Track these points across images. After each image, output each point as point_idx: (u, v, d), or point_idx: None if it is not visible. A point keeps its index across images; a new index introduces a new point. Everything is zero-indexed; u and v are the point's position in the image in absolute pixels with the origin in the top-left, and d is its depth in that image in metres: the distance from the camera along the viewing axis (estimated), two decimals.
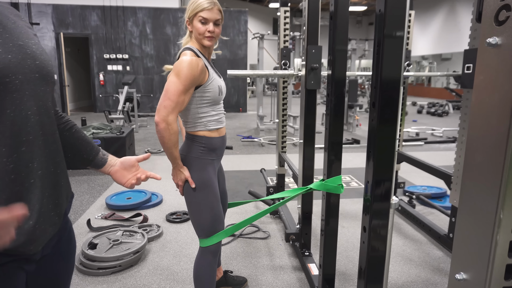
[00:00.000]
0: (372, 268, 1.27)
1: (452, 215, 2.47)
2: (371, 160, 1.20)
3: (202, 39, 1.54)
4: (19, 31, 0.81)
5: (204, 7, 1.49)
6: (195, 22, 1.51)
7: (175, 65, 1.47)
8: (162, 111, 1.41)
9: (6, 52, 0.75)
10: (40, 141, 0.82)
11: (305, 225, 2.30)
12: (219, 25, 1.55)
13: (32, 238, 0.80)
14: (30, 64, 0.79)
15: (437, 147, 6.26)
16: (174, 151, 1.49)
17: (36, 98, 0.80)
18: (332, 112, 1.64)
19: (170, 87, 1.43)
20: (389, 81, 1.12)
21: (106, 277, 2.19)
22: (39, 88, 0.81)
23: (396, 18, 1.08)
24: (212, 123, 1.58)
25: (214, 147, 1.60)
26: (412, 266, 2.36)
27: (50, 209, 0.85)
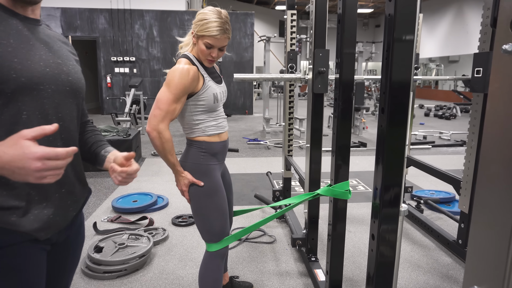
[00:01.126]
0: (380, 277, 1.25)
1: (461, 221, 2.43)
2: (380, 166, 1.18)
3: (204, 60, 1.53)
4: (61, 53, 0.97)
5: (213, 35, 1.44)
6: (200, 42, 1.48)
7: (168, 74, 1.47)
8: (152, 120, 1.43)
9: (46, 66, 0.90)
10: (60, 143, 0.93)
11: (311, 230, 2.28)
12: (223, 50, 1.54)
13: (45, 227, 0.89)
14: (64, 79, 0.94)
15: (445, 151, 6.19)
16: (170, 158, 1.48)
17: (63, 107, 0.94)
18: (340, 116, 1.62)
19: (160, 96, 1.44)
20: (398, 86, 1.10)
21: (112, 281, 2.19)
22: (67, 100, 0.95)
23: (406, 22, 1.06)
24: (210, 129, 1.56)
25: (215, 151, 1.58)
26: (420, 272, 2.32)
27: (68, 204, 0.97)
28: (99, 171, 4.52)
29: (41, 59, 0.89)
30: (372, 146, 6.47)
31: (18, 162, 0.68)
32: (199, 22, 1.47)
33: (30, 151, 0.69)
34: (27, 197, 0.86)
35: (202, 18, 1.46)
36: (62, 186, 0.94)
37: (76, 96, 0.99)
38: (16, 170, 0.69)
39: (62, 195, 0.94)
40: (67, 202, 0.96)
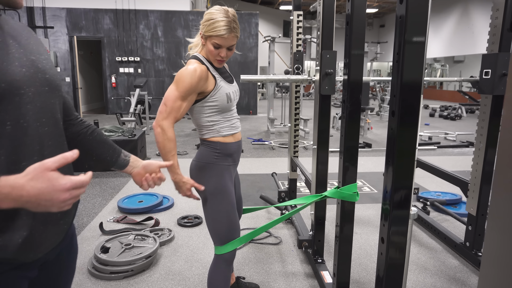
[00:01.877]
0: (390, 280, 1.24)
1: (469, 223, 2.41)
2: (390, 169, 1.17)
3: (213, 60, 1.52)
4: (31, 47, 0.85)
5: (220, 34, 1.43)
6: (208, 43, 1.47)
7: (177, 73, 1.47)
8: (158, 116, 1.45)
9: (21, 66, 0.79)
10: (48, 151, 0.84)
11: (318, 232, 2.27)
12: (232, 50, 1.52)
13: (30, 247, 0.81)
14: (41, 78, 0.83)
15: (450, 152, 6.16)
16: (170, 158, 1.46)
17: (46, 111, 0.84)
18: (348, 118, 1.62)
19: (167, 94, 1.46)
20: (409, 89, 1.09)
21: (119, 281, 2.20)
22: (49, 101, 0.86)
23: (418, 24, 1.05)
24: (225, 129, 1.56)
25: (230, 152, 1.58)
26: (427, 275, 2.31)
27: (58, 217, 0.87)
28: (104, 171, 4.54)
29: (15, 58, 0.79)
30: (377, 146, 6.44)
31: (47, 195, 0.67)
32: (206, 22, 1.46)
33: (59, 183, 0.68)
34: (14, 216, 0.77)
35: (209, 18, 1.45)
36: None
37: (56, 95, 0.89)
38: (42, 202, 0.68)
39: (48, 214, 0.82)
40: (57, 216, 0.87)
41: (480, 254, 2.36)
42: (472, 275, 2.30)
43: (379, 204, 3.56)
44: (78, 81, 10.30)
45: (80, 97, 10.28)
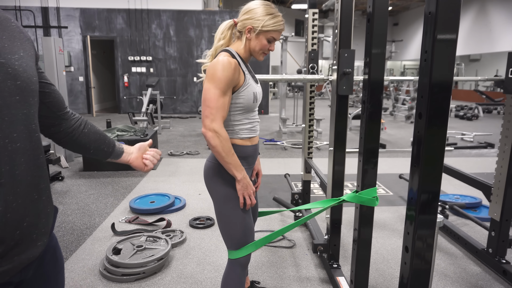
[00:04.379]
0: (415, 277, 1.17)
1: (492, 229, 2.32)
2: (417, 174, 1.10)
3: (259, 54, 1.48)
4: (2, 45, 0.72)
5: (281, 29, 1.43)
6: (261, 37, 1.42)
7: (208, 69, 1.39)
8: (205, 121, 1.35)
9: None
10: (20, 169, 0.74)
11: (334, 236, 2.20)
12: None
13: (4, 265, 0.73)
14: (10, 86, 0.71)
15: (468, 153, 6.00)
16: (232, 157, 1.38)
17: (17, 123, 0.73)
18: (368, 120, 1.55)
19: (206, 95, 1.36)
20: (439, 90, 1.02)
21: (130, 284, 2.17)
22: (20, 112, 0.74)
23: (449, 21, 0.98)
24: (244, 132, 1.49)
25: (245, 155, 1.51)
26: (447, 282, 2.22)
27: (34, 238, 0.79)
28: (116, 171, 4.54)
29: None
30: (392, 147, 6.32)
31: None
32: (262, 17, 1.40)
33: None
34: None
35: (267, 13, 1.41)
36: (23, 220, 0.76)
37: (31, 103, 0.76)
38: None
39: (23, 230, 0.76)
40: (33, 237, 0.79)
41: (504, 261, 2.26)
42: (495, 283, 2.20)
43: (395, 207, 3.46)
44: (91, 81, 10.39)
45: (93, 97, 10.37)
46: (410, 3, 18.69)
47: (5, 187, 0.70)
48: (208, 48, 1.55)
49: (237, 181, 1.42)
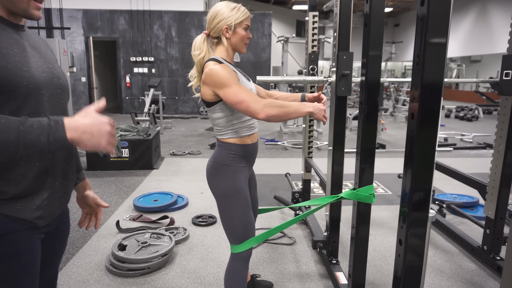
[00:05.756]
0: (407, 282, 1.24)
1: (487, 226, 2.38)
2: (409, 172, 1.17)
3: (242, 47, 1.56)
4: (48, 57, 1.05)
5: (249, 15, 1.54)
6: (238, 30, 1.51)
7: (210, 78, 1.43)
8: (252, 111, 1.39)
9: (42, 71, 0.98)
10: None
11: (333, 233, 2.27)
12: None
13: (44, 215, 0.99)
14: (56, 82, 1.02)
15: (467, 153, 6.06)
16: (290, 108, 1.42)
17: (58, 108, 1.02)
18: (365, 120, 1.61)
19: (232, 95, 1.40)
20: (430, 92, 1.09)
21: (136, 278, 2.24)
22: (60, 101, 1.04)
23: (439, 26, 1.05)
24: (243, 130, 1.56)
25: (245, 154, 1.58)
26: (443, 278, 2.28)
27: (60, 195, 1.05)
28: (120, 170, 4.61)
29: (38, 65, 0.97)
30: (391, 147, 6.39)
31: (95, 126, 0.86)
32: (231, 12, 1.49)
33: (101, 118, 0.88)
34: (30, 187, 0.94)
35: (232, 7, 1.51)
36: (57, 178, 1.02)
37: (65, 97, 1.07)
38: (95, 132, 0.86)
39: (57, 186, 1.02)
40: (59, 194, 1.04)
41: (498, 258, 2.32)
42: (489, 279, 2.26)
43: (393, 206, 3.53)
44: (93, 81, 10.47)
45: (95, 97, 10.46)
46: (411, 4, 18.75)
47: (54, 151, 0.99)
48: None
49: (310, 112, 1.45)
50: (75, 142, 0.85)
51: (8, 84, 0.88)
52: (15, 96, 0.90)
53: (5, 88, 0.88)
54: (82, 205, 1.28)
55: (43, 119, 0.84)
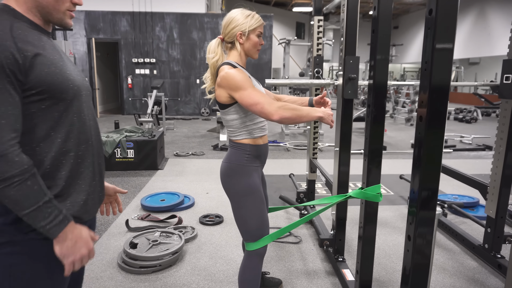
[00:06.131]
0: (416, 276, 1.31)
1: (488, 225, 2.45)
2: (418, 171, 1.24)
3: (254, 52, 1.63)
4: (72, 62, 1.12)
5: (262, 22, 1.62)
6: (252, 36, 1.59)
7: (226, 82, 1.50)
8: (266, 112, 1.46)
9: (77, 75, 1.07)
10: (93, 139, 1.10)
11: (339, 231, 2.34)
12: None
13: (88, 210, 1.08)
14: (86, 84, 1.10)
15: (466, 155, 6.14)
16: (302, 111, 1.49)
17: (90, 108, 1.11)
18: (372, 122, 1.69)
19: (247, 99, 1.47)
20: (437, 95, 1.16)
21: (148, 275, 2.30)
22: (90, 101, 1.13)
23: (446, 36, 1.12)
24: (256, 131, 1.63)
25: (259, 154, 1.65)
26: (446, 275, 2.36)
27: (98, 190, 1.12)
28: (125, 170, 4.68)
29: (72, 68, 1.06)
30: (392, 149, 6.46)
31: (83, 242, 1.00)
32: (245, 19, 1.57)
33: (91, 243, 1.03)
34: (76, 184, 1.04)
35: (247, 14, 1.59)
36: (96, 174, 1.10)
37: (91, 98, 1.16)
38: (77, 244, 0.98)
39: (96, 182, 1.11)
40: (98, 189, 1.12)
41: (499, 256, 2.40)
42: (491, 276, 2.34)
43: (395, 206, 3.60)
44: (95, 82, 10.53)
45: (97, 98, 10.51)
46: (410, 6, 18.87)
47: (92, 146, 1.09)
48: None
49: (320, 117, 1.53)
50: (56, 241, 0.95)
51: (58, 88, 0.96)
52: (64, 98, 0.98)
53: (55, 92, 0.96)
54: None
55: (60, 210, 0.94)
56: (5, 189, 0.86)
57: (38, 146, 0.96)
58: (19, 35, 0.91)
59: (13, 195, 0.87)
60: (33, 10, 0.98)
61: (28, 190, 0.89)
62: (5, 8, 0.95)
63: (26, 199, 0.89)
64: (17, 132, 0.89)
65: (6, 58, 0.86)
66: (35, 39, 0.95)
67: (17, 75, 0.88)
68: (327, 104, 1.76)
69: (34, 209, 0.89)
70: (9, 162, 0.86)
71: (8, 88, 0.87)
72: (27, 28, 0.95)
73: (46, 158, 0.97)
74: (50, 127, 0.97)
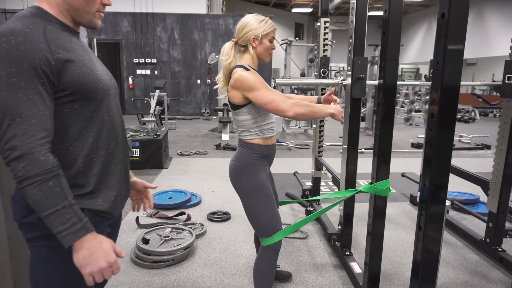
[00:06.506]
0: (426, 263, 1.39)
1: (489, 220, 2.54)
2: (430, 166, 1.32)
3: (266, 56, 1.71)
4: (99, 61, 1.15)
5: (275, 28, 1.69)
6: (264, 40, 1.66)
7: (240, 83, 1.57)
8: (281, 109, 1.53)
9: (106, 74, 1.10)
10: (121, 137, 1.13)
11: (346, 226, 2.42)
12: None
13: (117, 206, 1.11)
14: (113, 83, 1.14)
15: (465, 154, 6.24)
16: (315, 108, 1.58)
17: (117, 106, 1.14)
18: (382, 120, 1.76)
19: (262, 98, 1.54)
20: (449, 93, 1.24)
21: (161, 270, 2.37)
22: (117, 100, 1.16)
23: (457, 40, 1.20)
24: (266, 132, 1.69)
25: (267, 153, 1.72)
26: (449, 268, 2.44)
27: (124, 186, 1.16)
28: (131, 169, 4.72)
29: (101, 68, 1.09)
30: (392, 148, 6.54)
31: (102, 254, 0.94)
32: (259, 24, 1.64)
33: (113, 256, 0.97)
34: (106, 181, 1.07)
35: (260, 20, 1.66)
36: (123, 170, 1.14)
37: (118, 95, 1.20)
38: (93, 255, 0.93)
39: (123, 178, 1.15)
40: (124, 184, 1.16)
41: (500, 250, 2.48)
42: (492, 269, 2.42)
43: (398, 203, 3.69)
44: None
45: None
46: (408, 8, 19.01)
47: (120, 144, 1.13)
48: (212, 51, 1.78)
49: (332, 113, 1.62)
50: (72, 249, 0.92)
51: (89, 89, 0.99)
52: (95, 98, 1.01)
53: (87, 92, 0.99)
54: (131, 192, 1.38)
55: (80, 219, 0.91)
56: (27, 188, 0.87)
57: (71, 145, 0.99)
58: (52, 37, 0.93)
59: (33, 195, 0.87)
60: (65, 12, 1.01)
61: (49, 191, 0.88)
62: (38, 10, 0.98)
63: (46, 200, 0.87)
64: (47, 132, 0.90)
65: (39, 60, 0.89)
66: (67, 41, 0.98)
67: (49, 76, 0.91)
68: (336, 101, 1.83)
69: (52, 212, 0.88)
70: (34, 161, 0.86)
71: (40, 89, 0.89)
72: (59, 30, 0.98)
73: (79, 157, 1.00)
74: (82, 126, 1.00)
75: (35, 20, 0.94)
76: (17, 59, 0.86)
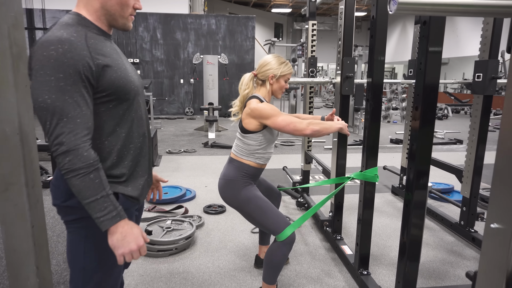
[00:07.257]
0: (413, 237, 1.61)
1: (463, 205, 2.82)
2: (414, 152, 1.54)
3: (279, 93, 1.94)
4: (128, 61, 1.24)
5: (291, 71, 1.91)
6: (281, 80, 1.90)
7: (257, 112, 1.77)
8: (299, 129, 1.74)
9: (135, 75, 1.20)
10: (147, 132, 1.24)
11: (337, 213, 2.64)
12: None
13: (143, 193, 1.23)
14: (141, 83, 1.24)
15: (440, 148, 6.63)
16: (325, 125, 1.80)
17: (144, 104, 1.24)
18: (371, 115, 1.98)
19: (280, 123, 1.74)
20: (430, 89, 1.46)
21: (165, 258, 2.51)
22: (143, 98, 1.26)
23: (436, 43, 1.42)
24: (263, 159, 1.90)
25: (255, 174, 1.91)
26: (429, 249, 2.70)
27: (149, 176, 1.27)
28: None
29: (131, 69, 1.18)
30: None
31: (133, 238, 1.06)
32: (280, 65, 1.88)
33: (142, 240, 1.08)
34: (135, 171, 1.19)
35: (282, 62, 1.89)
36: (149, 162, 1.25)
37: (144, 94, 1.29)
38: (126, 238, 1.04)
39: (149, 172, 1.25)
40: (148, 174, 1.26)
41: (473, 231, 2.77)
42: (466, 248, 2.70)
43: (381, 194, 3.95)
44: None
45: None
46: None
47: (147, 138, 1.24)
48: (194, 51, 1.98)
49: (340, 128, 1.86)
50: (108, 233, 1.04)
51: (123, 90, 1.10)
52: (127, 99, 1.12)
53: (121, 93, 1.10)
54: None
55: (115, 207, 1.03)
56: (72, 178, 0.99)
57: (106, 140, 1.11)
58: (92, 44, 1.04)
59: (77, 185, 0.99)
60: (102, 17, 1.11)
61: (90, 182, 1.00)
62: (79, 17, 1.09)
63: (87, 189, 0.99)
64: (89, 130, 1.02)
65: (83, 66, 0.99)
66: (103, 46, 1.08)
67: (90, 80, 1.02)
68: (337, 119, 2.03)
69: (92, 201, 1.00)
70: (79, 156, 0.98)
71: (83, 92, 1.00)
72: (97, 36, 1.07)
73: (113, 150, 1.12)
74: (116, 123, 1.11)
75: (77, 28, 1.05)
76: (64, 65, 0.97)
